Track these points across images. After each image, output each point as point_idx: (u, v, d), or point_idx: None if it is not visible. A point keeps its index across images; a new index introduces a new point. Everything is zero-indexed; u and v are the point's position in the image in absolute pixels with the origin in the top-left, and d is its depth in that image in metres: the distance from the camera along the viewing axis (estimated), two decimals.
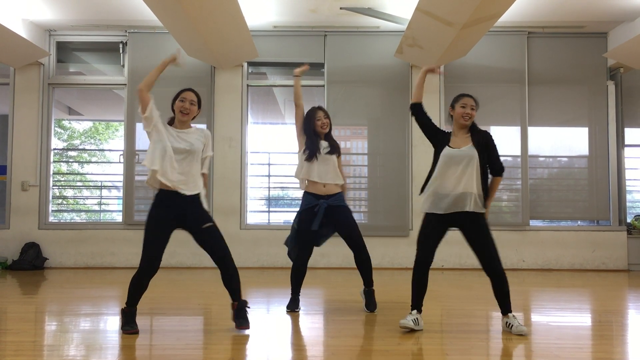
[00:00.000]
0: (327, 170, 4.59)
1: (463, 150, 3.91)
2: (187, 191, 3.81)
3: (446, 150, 3.95)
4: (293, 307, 4.64)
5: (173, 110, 3.99)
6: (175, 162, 3.79)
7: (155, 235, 3.82)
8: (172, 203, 3.80)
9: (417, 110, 4.16)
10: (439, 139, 4.05)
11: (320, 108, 4.72)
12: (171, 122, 4.03)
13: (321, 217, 4.52)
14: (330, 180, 4.59)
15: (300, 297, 4.69)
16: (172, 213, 3.81)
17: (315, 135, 4.66)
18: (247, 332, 3.85)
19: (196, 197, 3.88)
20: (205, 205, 3.94)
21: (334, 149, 4.65)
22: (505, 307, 3.90)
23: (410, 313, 3.92)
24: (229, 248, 3.91)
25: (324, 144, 4.65)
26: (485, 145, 3.96)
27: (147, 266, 3.81)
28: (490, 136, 4.03)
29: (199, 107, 4.02)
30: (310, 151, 4.59)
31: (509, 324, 3.85)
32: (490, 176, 4.01)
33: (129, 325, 3.82)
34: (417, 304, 3.94)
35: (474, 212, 3.87)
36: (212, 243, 3.87)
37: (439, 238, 3.96)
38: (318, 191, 4.60)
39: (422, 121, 4.15)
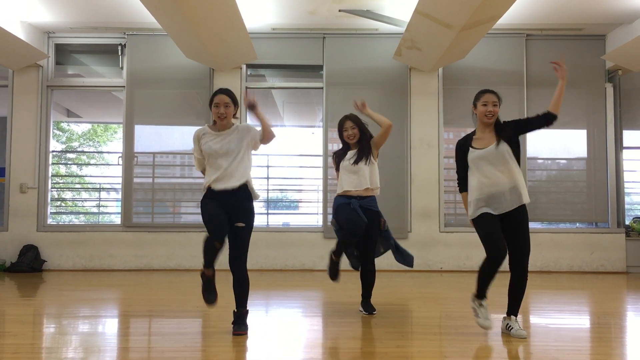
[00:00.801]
0: (354, 179, 4.53)
1: (491, 148, 3.81)
2: (230, 185, 3.86)
3: (472, 153, 3.85)
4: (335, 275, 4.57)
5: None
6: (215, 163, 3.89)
7: (213, 216, 3.82)
8: (219, 196, 3.86)
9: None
10: (463, 151, 3.94)
11: (348, 117, 4.66)
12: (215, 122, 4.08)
13: (360, 211, 4.44)
14: (356, 188, 4.52)
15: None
16: (220, 204, 3.85)
17: (345, 145, 4.68)
18: (246, 334, 3.85)
19: (242, 189, 3.89)
20: (254, 194, 3.97)
21: (360, 157, 4.54)
22: (514, 308, 3.86)
23: (482, 304, 3.84)
24: (246, 255, 3.91)
25: (350, 154, 4.58)
26: (510, 128, 3.88)
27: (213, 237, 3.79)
28: (511, 121, 3.93)
29: (235, 104, 4.03)
30: (336, 163, 4.63)
31: (510, 326, 3.83)
32: (546, 124, 3.96)
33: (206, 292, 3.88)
34: (484, 292, 3.85)
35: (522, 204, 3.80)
36: (235, 242, 3.87)
37: (500, 229, 3.79)
38: (349, 193, 4.55)
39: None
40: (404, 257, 4.66)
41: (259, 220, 8.20)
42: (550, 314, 4.93)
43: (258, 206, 8.32)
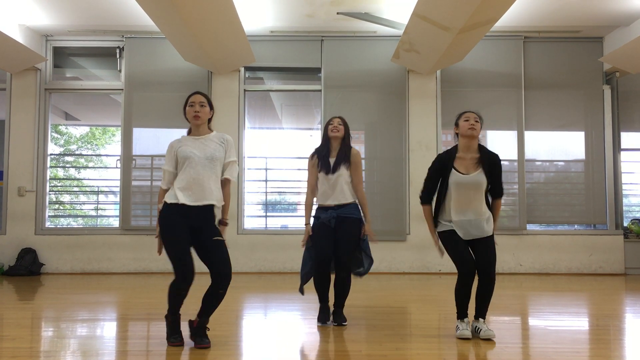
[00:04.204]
0: (331, 191, 4.34)
1: (472, 176, 3.87)
2: (198, 202, 3.65)
3: (455, 176, 3.88)
4: (324, 320, 4.33)
5: (187, 119, 3.86)
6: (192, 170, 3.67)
7: (176, 241, 3.73)
8: (185, 213, 3.66)
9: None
10: (444, 169, 3.94)
11: (339, 116, 4.52)
12: (189, 131, 3.85)
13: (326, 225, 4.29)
14: (332, 202, 4.33)
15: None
16: (186, 222, 3.68)
17: (326, 143, 4.46)
18: (244, 337, 3.84)
19: (209, 208, 3.71)
20: (218, 215, 3.77)
21: (337, 165, 4.35)
22: (482, 311, 3.89)
23: (464, 321, 3.89)
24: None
25: (330, 161, 4.39)
26: (492, 168, 3.92)
27: (180, 273, 3.73)
28: (499, 159, 3.97)
29: (211, 107, 3.85)
30: (321, 164, 4.40)
31: (478, 328, 3.86)
32: (490, 198, 3.98)
33: (172, 336, 3.68)
34: (465, 312, 3.92)
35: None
36: (218, 255, 3.68)
37: (466, 245, 3.90)
38: (324, 205, 4.37)
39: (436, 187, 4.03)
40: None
41: (257, 223, 8.27)
42: (549, 316, 4.93)
43: (256, 209, 8.35)
